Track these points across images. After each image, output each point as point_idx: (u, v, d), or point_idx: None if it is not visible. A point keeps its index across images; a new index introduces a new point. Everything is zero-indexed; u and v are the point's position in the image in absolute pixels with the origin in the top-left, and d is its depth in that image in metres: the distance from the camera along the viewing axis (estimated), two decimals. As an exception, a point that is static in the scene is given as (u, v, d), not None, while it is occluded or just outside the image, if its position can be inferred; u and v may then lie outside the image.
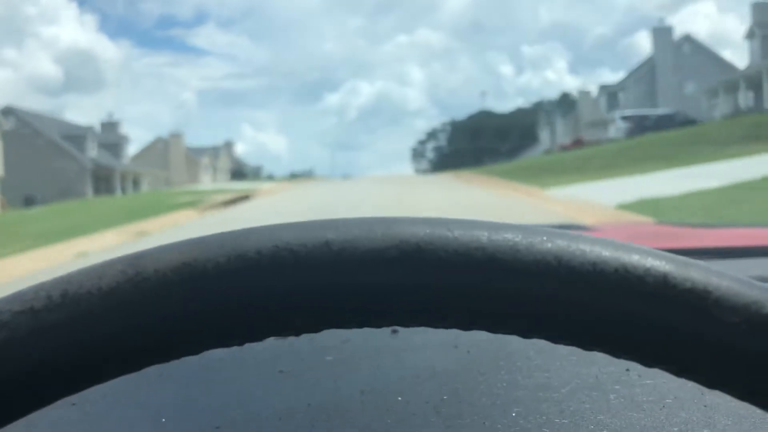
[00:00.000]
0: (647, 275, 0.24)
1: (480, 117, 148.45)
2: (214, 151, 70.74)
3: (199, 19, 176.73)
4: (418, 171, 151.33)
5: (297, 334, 0.25)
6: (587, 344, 0.25)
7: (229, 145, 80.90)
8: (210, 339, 0.25)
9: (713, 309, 0.23)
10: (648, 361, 0.25)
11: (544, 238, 0.25)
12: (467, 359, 0.56)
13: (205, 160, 66.84)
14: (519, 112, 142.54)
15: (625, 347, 0.24)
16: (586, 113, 63.20)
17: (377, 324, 0.25)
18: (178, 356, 0.25)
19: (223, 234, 0.25)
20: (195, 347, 0.25)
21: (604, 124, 53.11)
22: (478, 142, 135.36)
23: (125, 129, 66.15)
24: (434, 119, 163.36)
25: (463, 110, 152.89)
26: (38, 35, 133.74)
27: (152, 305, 0.23)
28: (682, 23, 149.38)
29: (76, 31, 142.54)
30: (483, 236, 0.24)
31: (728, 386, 0.24)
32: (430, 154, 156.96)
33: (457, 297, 0.24)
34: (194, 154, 65.65)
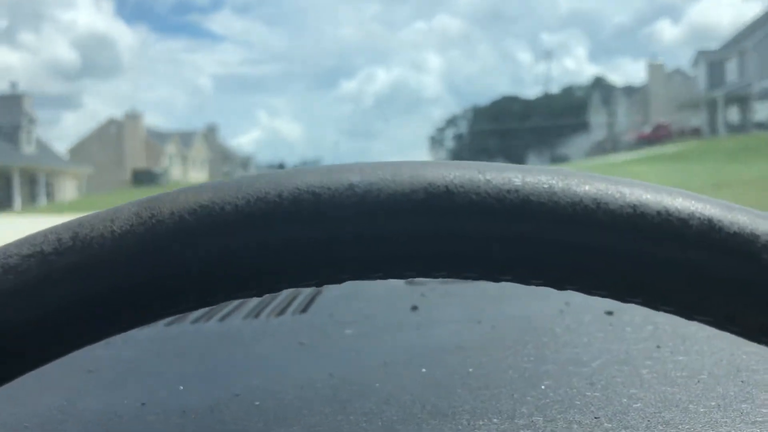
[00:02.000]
0: (691, 219, 0.22)
1: (504, 103, 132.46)
2: (184, 137, 56.12)
3: (216, 4, 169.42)
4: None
5: (318, 284, 0.24)
6: (625, 294, 0.23)
7: (212, 130, 66.19)
8: (227, 288, 0.23)
9: (762, 253, 0.21)
10: (690, 311, 0.23)
11: (582, 179, 0.23)
12: (492, 334, 0.53)
13: (171, 148, 52.31)
14: (546, 98, 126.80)
15: (666, 297, 0.23)
16: (660, 92, 48.36)
17: (403, 274, 0.23)
18: (194, 306, 0.23)
19: (242, 177, 0.23)
20: (212, 296, 0.23)
21: (706, 104, 37.62)
22: (504, 129, 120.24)
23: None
24: (451, 107, 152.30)
25: (480, 98, 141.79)
26: (56, 19, 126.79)
27: (167, 249, 0.22)
28: (703, 12, 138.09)
29: (93, 16, 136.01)
30: (516, 179, 0.22)
31: None
32: (449, 143, 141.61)
33: (488, 244, 0.22)
34: (158, 140, 51.26)
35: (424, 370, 0.47)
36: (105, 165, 47.74)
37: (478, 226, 0.22)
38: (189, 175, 54.18)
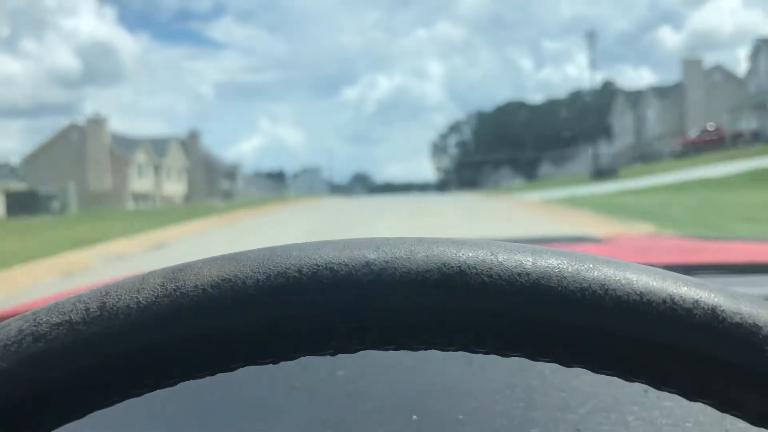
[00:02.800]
0: (696, 308, 0.23)
1: (509, 108, 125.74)
2: (158, 145, 49.72)
3: (217, 12, 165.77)
4: (441, 180, 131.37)
5: (333, 353, 0.25)
6: (630, 375, 0.24)
7: (194, 136, 59.64)
8: (245, 356, 0.24)
9: (764, 344, 0.22)
10: (692, 394, 0.23)
11: (591, 265, 0.23)
12: (482, 377, 0.54)
13: (141, 157, 45.98)
14: (552, 104, 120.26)
15: (670, 379, 0.23)
16: (698, 92, 42.01)
17: (415, 346, 0.24)
18: (212, 372, 0.24)
19: (263, 250, 0.24)
20: (229, 364, 0.24)
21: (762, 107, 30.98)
22: (510, 136, 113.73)
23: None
24: (453, 114, 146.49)
25: (482, 105, 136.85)
26: (58, 27, 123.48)
27: (190, 321, 0.23)
28: (704, 19, 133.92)
29: (95, 24, 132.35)
30: (527, 262, 0.23)
31: None
32: (452, 150, 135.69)
33: (497, 323, 0.23)
34: (125, 148, 44.96)
35: (415, 417, 0.47)
36: (63, 177, 41.30)
37: (489, 305, 0.23)
38: (163, 187, 47.61)
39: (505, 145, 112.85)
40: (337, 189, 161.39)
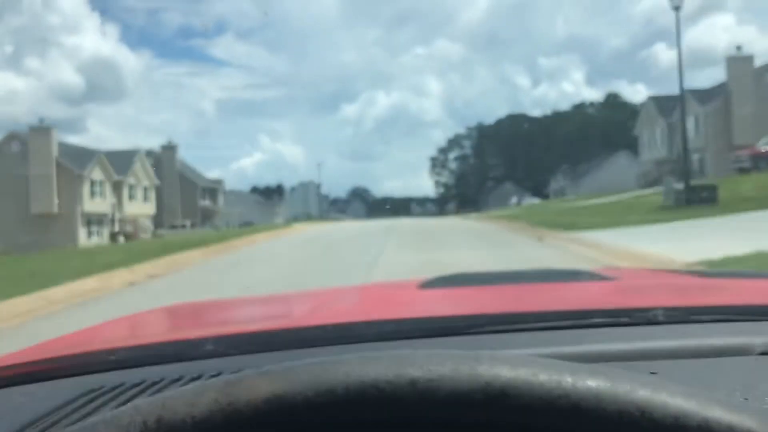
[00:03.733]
0: None
1: (511, 121, 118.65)
2: (118, 158, 42.87)
3: (219, 29, 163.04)
4: (440, 196, 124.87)
5: None
6: None
7: (169, 149, 52.74)
8: None
9: None
10: None
11: (629, 388, 0.23)
12: None
13: (96, 173, 39.23)
14: (556, 116, 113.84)
15: None
16: (747, 95, 35.44)
17: None
18: None
19: (313, 364, 0.24)
20: None
21: None
22: (512, 150, 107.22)
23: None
24: (450, 130, 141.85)
25: (480, 121, 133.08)
26: (61, 45, 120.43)
27: None
28: (699, 36, 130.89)
29: (97, 41, 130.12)
30: (567, 383, 0.23)
31: None
32: (452, 164, 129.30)
33: None
34: (76, 163, 38.24)
35: None
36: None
37: (529, 425, 0.23)
38: (125, 207, 40.57)
39: (507, 159, 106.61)
40: (334, 204, 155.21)
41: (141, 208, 43.10)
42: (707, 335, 0.76)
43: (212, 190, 56.15)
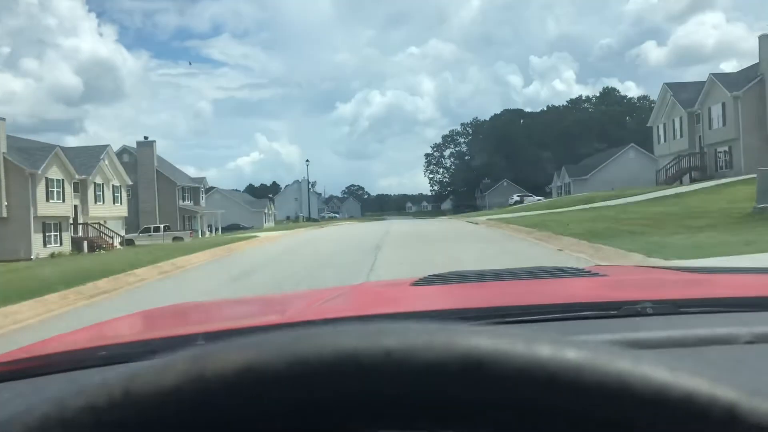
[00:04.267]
0: (713, 405, 0.22)
1: (507, 116, 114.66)
2: (81, 155, 38.56)
3: (215, 30, 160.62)
4: (436, 194, 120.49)
5: None
6: None
7: (145, 146, 48.53)
8: None
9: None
10: None
11: (608, 359, 0.23)
12: None
13: (53, 171, 34.93)
14: (552, 112, 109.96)
15: None
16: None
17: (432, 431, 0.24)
18: None
19: (286, 335, 0.24)
20: None
21: None
22: (509, 147, 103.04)
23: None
24: (445, 129, 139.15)
25: (473, 118, 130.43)
26: (58, 46, 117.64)
27: (212, 407, 0.23)
28: (688, 34, 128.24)
29: (95, 43, 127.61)
30: (545, 353, 0.23)
31: None
32: (447, 161, 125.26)
33: (515, 414, 0.23)
34: (26, 161, 33.90)
35: None
36: (-60, 199, 30.17)
37: (507, 396, 0.23)
38: (89, 210, 36.29)
39: (503, 155, 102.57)
40: (328, 202, 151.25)
41: (110, 210, 38.79)
42: (694, 326, 0.76)
43: (193, 189, 51.85)
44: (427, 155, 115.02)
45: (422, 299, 1.19)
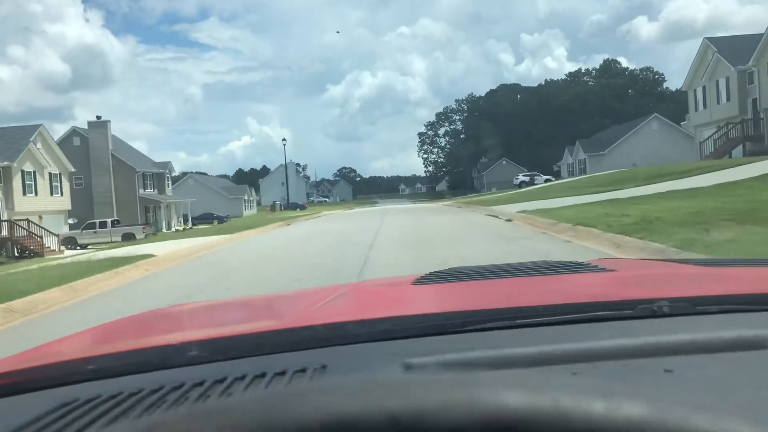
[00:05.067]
0: None
1: (504, 92, 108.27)
2: (10, 137, 31.86)
3: (203, 14, 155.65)
4: (430, 175, 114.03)
5: None
6: None
7: (97, 126, 41.75)
8: None
9: None
10: None
11: (682, 416, 0.19)
12: None
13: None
14: (551, 85, 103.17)
15: None
16: None
17: None
18: None
19: (259, 400, 0.20)
20: None
21: None
22: (508, 124, 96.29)
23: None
24: (436, 109, 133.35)
25: (471, 93, 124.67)
26: (44, 33, 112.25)
27: None
28: (680, 9, 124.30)
29: (81, 28, 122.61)
30: (598, 410, 0.18)
31: None
32: (442, 140, 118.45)
33: None
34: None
35: None
36: None
37: None
38: (15, 207, 29.62)
39: (502, 133, 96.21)
40: (318, 186, 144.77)
41: (46, 203, 32.09)
42: (717, 328, 0.73)
43: (157, 176, 45.13)
44: (420, 134, 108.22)
45: (427, 300, 1.15)
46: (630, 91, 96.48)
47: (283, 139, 48.58)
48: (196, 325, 1.24)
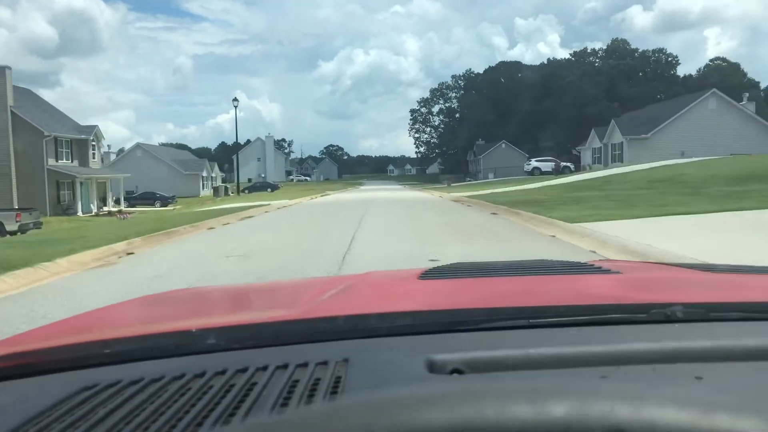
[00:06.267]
0: None
1: (504, 69, 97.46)
2: None
3: None
4: (422, 156, 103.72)
5: None
6: None
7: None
8: None
9: None
10: None
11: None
12: None
13: None
14: (554, 64, 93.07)
15: None
16: None
17: None
18: None
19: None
20: None
21: None
22: (508, 104, 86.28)
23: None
24: (428, 90, 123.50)
25: (469, 69, 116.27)
26: None
27: None
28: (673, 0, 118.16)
29: None
30: (659, 419, 0.16)
31: None
32: (435, 119, 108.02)
33: None
34: None
35: None
36: None
37: None
38: None
39: (500, 113, 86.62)
40: (302, 163, 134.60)
41: None
42: (737, 336, 0.72)
43: (78, 143, 34.84)
44: (413, 111, 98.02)
45: (442, 295, 1.13)
46: (640, 73, 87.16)
47: (234, 99, 38.08)
48: (209, 311, 1.22)
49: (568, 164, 44.47)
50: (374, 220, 13.50)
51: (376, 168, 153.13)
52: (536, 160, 46.03)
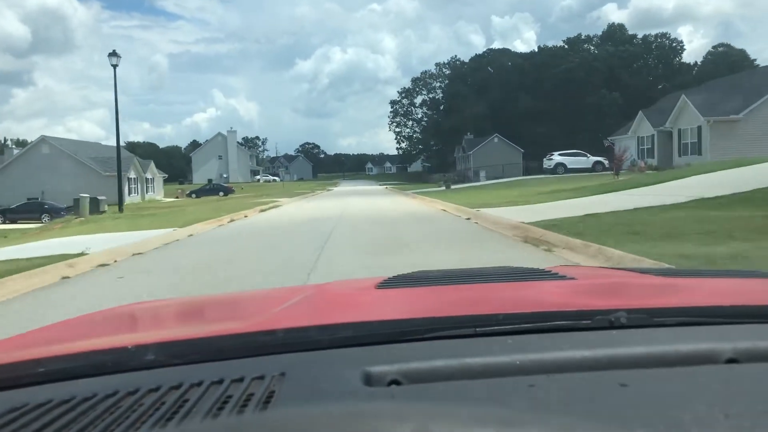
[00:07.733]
0: None
1: (493, 57, 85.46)
2: None
3: None
4: (404, 152, 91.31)
5: None
6: None
7: None
8: None
9: None
10: None
11: None
12: None
13: None
14: (546, 52, 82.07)
15: None
16: None
17: None
18: None
19: None
20: None
21: None
22: (499, 94, 74.30)
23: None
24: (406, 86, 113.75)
25: (454, 56, 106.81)
26: None
27: None
28: None
29: None
30: None
31: None
32: (418, 111, 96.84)
33: None
34: None
35: None
36: None
37: None
38: None
39: (490, 104, 76.50)
40: (273, 162, 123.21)
41: None
42: (673, 341, 0.73)
43: None
44: (393, 103, 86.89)
45: (390, 306, 1.12)
46: (641, 61, 77.45)
47: (114, 65, 26.11)
48: (154, 326, 1.19)
49: (601, 159, 33.89)
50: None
51: (355, 167, 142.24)
52: (559, 154, 35.41)
